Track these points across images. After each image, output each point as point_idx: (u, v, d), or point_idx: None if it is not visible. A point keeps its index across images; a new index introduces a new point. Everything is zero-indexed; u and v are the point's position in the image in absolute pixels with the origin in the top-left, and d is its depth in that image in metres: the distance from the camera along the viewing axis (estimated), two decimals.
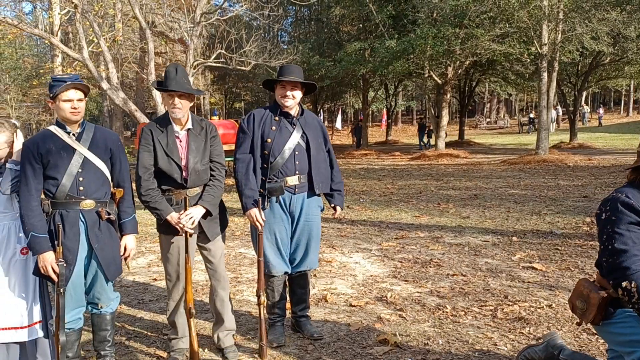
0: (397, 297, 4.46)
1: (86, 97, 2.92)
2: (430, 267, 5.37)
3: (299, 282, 3.72)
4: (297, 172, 3.52)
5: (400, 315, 4.06)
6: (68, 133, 2.90)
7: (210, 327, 3.75)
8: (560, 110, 35.91)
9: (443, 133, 20.72)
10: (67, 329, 2.94)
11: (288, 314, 3.84)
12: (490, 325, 3.80)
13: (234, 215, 7.65)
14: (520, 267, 5.25)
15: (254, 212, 3.38)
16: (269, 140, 3.49)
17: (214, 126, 3.43)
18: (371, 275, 5.17)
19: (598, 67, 21.61)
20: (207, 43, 24.87)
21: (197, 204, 3.20)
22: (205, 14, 15.50)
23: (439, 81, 20.27)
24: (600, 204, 2.50)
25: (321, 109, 33.35)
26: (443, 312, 4.08)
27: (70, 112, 2.83)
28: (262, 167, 3.49)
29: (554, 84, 17.01)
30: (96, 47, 15.99)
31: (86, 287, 3.03)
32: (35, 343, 3.12)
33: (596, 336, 3.48)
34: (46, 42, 17.25)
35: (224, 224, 3.45)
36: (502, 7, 15.99)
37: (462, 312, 4.06)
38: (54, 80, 2.83)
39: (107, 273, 2.99)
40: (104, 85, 13.43)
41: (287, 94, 3.48)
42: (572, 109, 23.44)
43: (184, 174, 3.20)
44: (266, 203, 3.48)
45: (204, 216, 3.24)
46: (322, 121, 3.92)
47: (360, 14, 22.03)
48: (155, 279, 5.29)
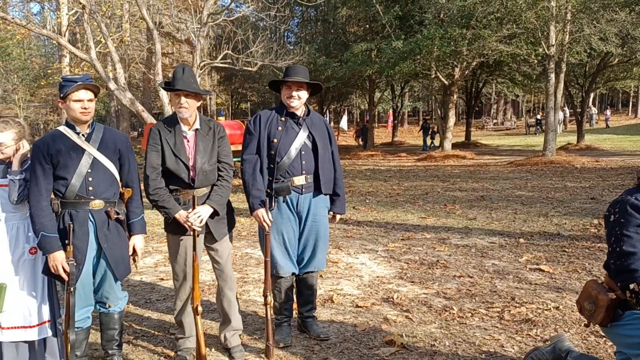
0: (403, 298, 4.46)
1: (96, 97, 2.95)
2: (436, 268, 5.36)
3: (306, 283, 3.73)
4: (303, 171, 3.53)
5: (407, 316, 4.05)
6: (78, 134, 2.92)
7: (217, 327, 3.76)
8: (567, 111, 35.75)
9: (449, 134, 20.67)
10: (75, 327, 2.96)
11: (294, 314, 3.85)
12: (497, 327, 3.80)
13: (240, 216, 7.66)
14: (527, 269, 5.23)
15: (261, 212, 3.39)
16: (275, 141, 3.50)
17: (222, 127, 3.44)
18: (377, 276, 5.17)
19: (606, 68, 21.50)
20: (213, 44, 24.96)
21: (204, 204, 3.22)
22: (212, 15, 15.55)
23: (446, 82, 20.23)
24: (609, 205, 2.49)
25: (327, 110, 33.38)
26: (450, 313, 4.08)
27: (81, 112, 2.85)
28: (269, 168, 3.50)
29: (561, 85, 16.94)
30: (104, 48, 16.07)
31: (95, 287, 3.06)
32: (44, 342, 3.14)
33: (604, 338, 3.47)
34: (54, 42, 17.36)
35: (231, 225, 3.46)
36: (510, 7, 15.94)
37: (469, 314, 4.05)
38: (65, 80, 2.85)
39: (116, 272, 3.01)
40: (112, 85, 13.48)
41: (293, 94, 3.49)
42: (579, 110, 23.33)
43: (192, 174, 3.21)
44: (273, 203, 3.49)
45: (212, 216, 3.25)
46: (327, 122, 3.92)
47: (366, 15, 22.01)
48: (162, 279, 5.31)
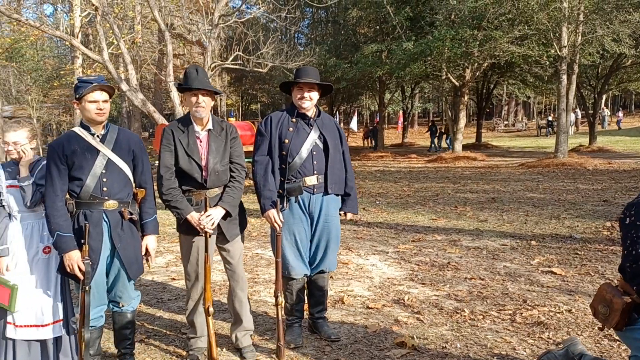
0: (414, 300, 4.45)
1: (111, 98, 2.98)
2: (447, 270, 5.34)
3: (317, 284, 3.73)
4: (315, 172, 3.54)
5: (418, 318, 4.04)
6: (92, 135, 2.95)
7: (228, 327, 3.78)
8: (579, 113, 35.45)
9: (460, 135, 20.59)
10: (89, 326, 2.98)
11: (305, 315, 3.85)
12: (509, 330, 3.78)
13: (251, 216, 7.67)
14: (539, 272, 5.20)
15: (272, 213, 3.40)
16: (286, 141, 3.51)
17: (235, 128, 3.46)
18: (388, 278, 5.16)
19: (619, 69, 21.29)
20: (224, 45, 25.04)
21: (216, 205, 3.23)
22: (223, 17, 15.64)
23: (457, 83, 20.16)
24: (625, 208, 2.47)
25: (337, 111, 33.36)
26: (461, 315, 4.06)
27: (96, 113, 2.88)
28: (281, 168, 3.51)
29: (573, 86, 16.81)
30: (116, 49, 16.20)
31: (108, 286, 3.08)
32: (56, 341, 3.16)
33: (618, 342, 3.44)
34: (67, 43, 17.52)
35: (243, 225, 3.47)
36: (521, 9, 15.85)
37: (481, 316, 4.04)
38: (80, 81, 2.88)
39: (130, 272, 3.03)
40: (124, 86, 13.59)
41: (305, 95, 3.51)
42: (591, 112, 23.13)
43: (204, 174, 3.23)
44: (285, 204, 3.50)
45: (224, 217, 3.26)
46: (338, 123, 3.93)
47: (377, 16, 21.98)
48: (173, 279, 5.34)
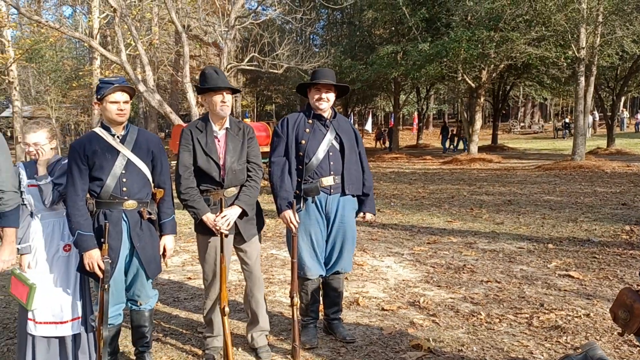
0: (429, 302, 4.43)
1: (131, 99, 3.02)
2: (463, 273, 5.31)
3: (332, 285, 3.73)
4: (331, 172, 3.55)
5: (434, 320, 4.03)
6: (113, 135, 2.99)
7: (244, 327, 3.80)
8: (597, 115, 35.00)
9: (476, 137, 20.45)
10: (108, 324, 3.02)
11: (320, 316, 3.86)
12: (525, 333, 3.75)
13: (265, 217, 7.64)
14: (556, 275, 5.14)
15: (288, 213, 3.42)
16: (303, 142, 3.53)
17: (252, 128, 3.49)
18: (403, 280, 5.15)
19: (638, 71, 20.99)
20: (240, 46, 25.20)
21: (233, 204, 3.25)
22: (239, 18, 15.73)
23: (473, 85, 20.03)
24: None
25: (351, 112, 33.35)
26: (477, 318, 4.04)
27: (117, 114, 2.92)
28: (298, 169, 3.53)
29: (591, 88, 16.60)
30: (133, 50, 16.38)
31: (126, 285, 3.12)
32: (75, 339, 3.21)
33: (638, 347, 3.39)
34: (85, 45, 17.73)
35: (260, 225, 3.49)
36: (539, 10, 15.70)
37: (497, 319, 4.01)
38: (102, 82, 2.93)
39: (148, 271, 3.07)
40: (141, 87, 13.73)
41: (322, 96, 3.52)
42: (609, 114, 22.82)
43: (222, 173, 3.26)
44: (302, 204, 3.51)
45: (240, 216, 3.29)
46: (353, 124, 3.94)
47: (393, 17, 21.93)
48: (189, 278, 5.38)
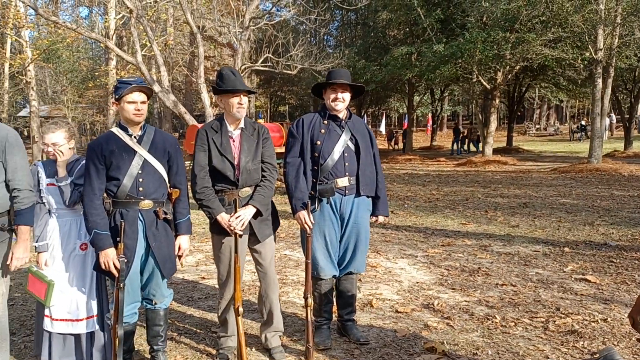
0: (444, 305, 4.41)
1: (149, 99, 3.04)
2: (478, 275, 5.27)
3: (346, 286, 3.73)
4: (346, 173, 3.55)
5: (448, 323, 4.00)
6: (130, 135, 3.02)
7: (257, 327, 3.80)
8: (614, 117, 34.58)
9: (491, 139, 20.30)
10: (123, 323, 3.04)
11: (334, 317, 3.85)
12: (541, 338, 3.70)
13: (279, 217, 7.68)
14: (572, 279, 5.08)
15: (303, 214, 3.42)
16: (318, 143, 3.53)
17: (267, 128, 3.50)
18: (417, 282, 5.12)
19: None
20: (254, 47, 25.27)
21: (247, 204, 3.26)
22: (253, 19, 15.78)
23: (488, 86, 19.89)
24: None
25: (365, 113, 33.29)
26: (492, 322, 4.00)
27: (134, 114, 2.95)
28: (313, 170, 3.53)
29: (608, 90, 16.37)
30: (149, 51, 16.50)
31: (142, 284, 3.14)
32: (90, 336, 3.24)
33: None
34: (102, 45, 17.90)
35: (275, 225, 3.50)
36: (555, 11, 15.55)
37: (512, 323, 3.97)
38: (120, 82, 2.96)
39: (163, 270, 3.09)
40: (156, 88, 13.82)
41: (338, 96, 3.52)
42: (627, 116, 22.51)
43: (237, 173, 3.27)
44: (317, 205, 3.51)
45: (255, 216, 3.29)
46: (368, 125, 3.94)
47: (407, 18, 21.85)
48: (203, 278, 5.41)
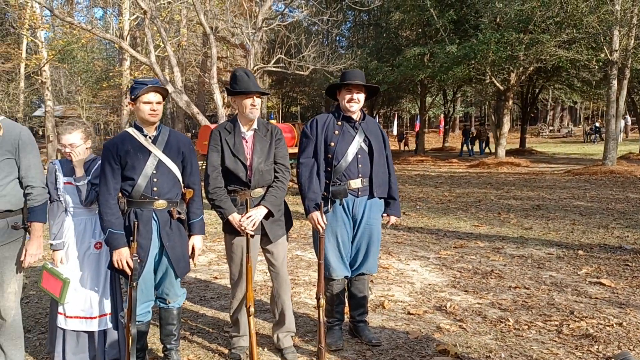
0: (456, 307, 4.38)
1: (164, 100, 3.06)
2: (491, 278, 5.24)
3: (357, 286, 3.73)
4: (360, 175, 3.55)
5: (460, 326, 3.98)
6: (145, 136, 3.04)
7: (269, 327, 3.81)
8: (629, 119, 34.19)
9: (504, 141, 20.17)
10: (137, 321, 3.07)
11: (346, 318, 3.85)
12: (555, 341, 3.67)
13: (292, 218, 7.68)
14: (587, 282, 5.03)
15: (316, 215, 3.42)
16: (332, 144, 3.53)
17: (280, 129, 3.51)
18: (429, 284, 5.10)
19: None
20: (266, 48, 25.35)
21: (258, 205, 3.27)
22: (266, 20, 15.82)
23: (501, 87, 19.76)
24: None
25: (377, 114, 33.23)
26: (505, 325, 3.97)
27: (149, 114, 2.97)
28: (326, 171, 3.53)
29: (624, 92, 16.19)
30: (162, 52, 16.61)
31: (156, 283, 3.16)
32: (104, 334, 3.27)
33: None
34: (116, 46, 18.05)
35: (288, 225, 3.51)
36: (570, 12, 15.42)
37: (526, 326, 3.94)
38: (136, 82, 2.98)
39: (177, 270, 3.11)
40: (169, 88, 13.91)
41: (354, 97, 3.52)
42: None
43: (249, 173, 3.28)
44: (329, 206, 3.51)
45: (266, 217, 3.30)
46: (381, 126, 3.93)
47: (420, 19, 21.79)
48: (215, 277, 5.43)
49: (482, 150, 27.24)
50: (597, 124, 33.50)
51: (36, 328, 4.08)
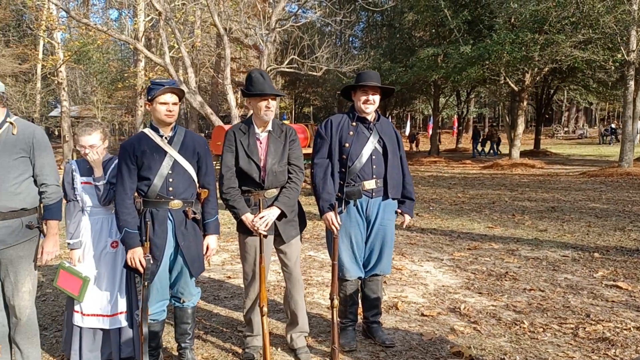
0: (470, 309, 4.36)
1: (180, 101, 3.08)
2: (505, 280, 5.20)
3: (371, 287, 3.72)
4: (374, 176, 3.54)
5: (475, 328, 3.95)
6: (161, 136, 3.07)
7: (283, 327, 3.82)
8: None
9: (518, 142, 20.01)
10: (151, 320, 3.10)
11: (359, 319, 3.84)
12: (571, 344, 3.63)
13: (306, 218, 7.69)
14: (603, 285, 4.97)
15: (330, 215, 3.42)
16: (346, 145, 3.53)
17: (294, 130, 3.51)
18: (443, 286, 5.08)
19: None
20: (279, 49, 25.41)
21: (272, 205, 3.28)
22: (279, 21, 15.86)
23: (515, 88, 19.61)
24: None
25: (390, 115, 33.16)
26: (520, 327, 3.94)
27: (165, 115, 2.99)
28: (341, 172, 3.53)
29: None
30: (176, 53, 16.72)
31: (171, 282, 3.18)
32: (119, 332, 3.30)
33: None
34: (131, 47, 18.20)
35: (302, 226, 3.51)
36: (586, 12, 15.26)
37: (541, 329, 3.90)
38: (153, 83, 3.00)
39: (192, 269, 3.13)
40: (183, 88, 14.00)
41: (369, 98, 3.52)
42: None
43: (262, 174, 3.29)
44: (343, 207, 3.51)
45: (279, 218, 3.31)
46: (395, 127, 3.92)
47: (434, 19, 21.72)
48: (229, 277, 5.45)
49: (495, 152, 27.06)
50: (613, 125, 33.13)
51: (52, 326, 4.13)
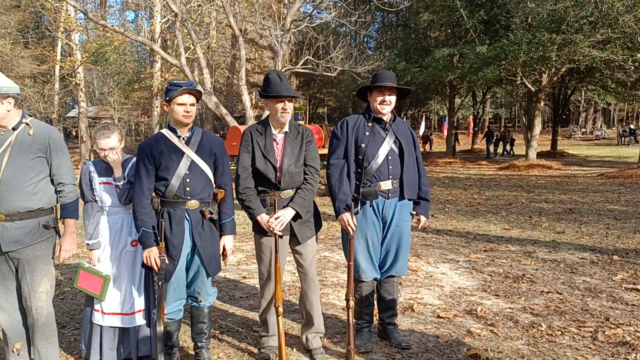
0: (487, 311, 4.32)
1: (197, 102, 3.10)
2: (522, 282, 5.14)
3: (387, 288, 3.70)
4: (390, 176, 3.53)
5: (492, 330, 3.92)
6: (178, 137, 3.09)
7: (298, 328, 3.82)
8: None
9: (535, 143, 19.80)
10: (168, 319, 3.12)
11: (375, 320, 3.83)
12: (590, 348, 3.58)
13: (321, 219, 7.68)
14: (622, 288, 4.90)
15: (346, 216, 3.41)
16: (362, 146, 3.52)
17: (311, 131, 3.51)
18: (459, 287, 5.04)
19: None
20: (294, 49, 25.44)
21: (287, 206, 3.28)
22: (294, 22, 15.89)
23: (532, 88, 19.41)
24: None
25: (405, 116, 33.03)
26: (538, 330, 3.90)
27: (183, 115, 3.02)
28: (357, 172, 3.52)
29: None
30: (192, 54, 16.83)
31: (187, 282, 3.20)
32: (137, 330, 3.32)
33: None
34: (147, 48, 18.37)
35: (317, 226, 3.51)
36: (605, 11, 15.06)
37: (559, 332, 3.86)
38: (171, 84, 3.02)
39: (208, 269, 3.14)
40: (200, 89, 14.09)
41: (386, 99, 3.50)
42: None
43: (278, 175, 3.29)
44: (359, 207, 3.50)
45: (294, 218, 3.31)
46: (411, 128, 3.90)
47: (450, 19, 21.59)
48: (244, 277, 5.47)
49: (509, 152, 26.84)
50: (632, 126, 32.64)
51: (71, 324, 4.17)
